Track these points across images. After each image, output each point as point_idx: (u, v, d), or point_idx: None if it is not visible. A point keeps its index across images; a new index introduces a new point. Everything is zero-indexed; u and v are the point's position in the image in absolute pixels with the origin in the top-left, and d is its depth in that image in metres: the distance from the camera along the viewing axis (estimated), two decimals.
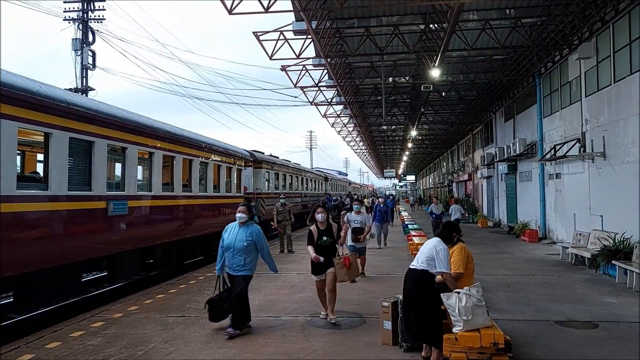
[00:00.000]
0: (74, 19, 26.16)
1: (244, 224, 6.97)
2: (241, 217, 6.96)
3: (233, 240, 6.85)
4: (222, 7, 12.44)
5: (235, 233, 6.91)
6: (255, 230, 6.98)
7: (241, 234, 6.88)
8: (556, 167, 17.50)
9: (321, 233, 7.41)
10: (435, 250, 5.81)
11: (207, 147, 15.08)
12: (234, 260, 6.83)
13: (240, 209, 7.01)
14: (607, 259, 11.13)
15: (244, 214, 6.98)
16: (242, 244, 6.81)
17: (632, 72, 11.93)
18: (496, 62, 19.92)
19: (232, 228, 7.00)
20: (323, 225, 7.47)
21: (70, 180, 8.78)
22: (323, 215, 7.45)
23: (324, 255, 7.26)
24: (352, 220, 11.02)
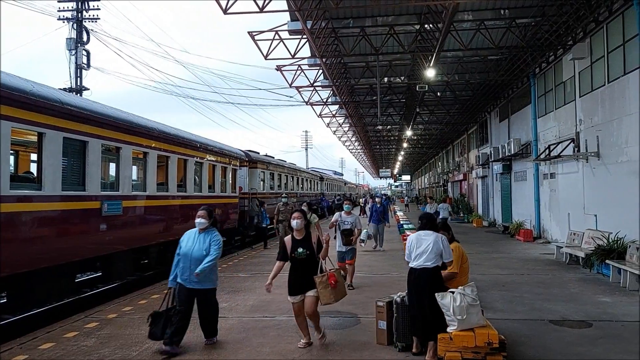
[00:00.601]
0: (68, 18, 26.03)
1: (204, 230, 6.23)
2: (201, 223, 6.20)
3: (191, 249, 6.07)
4: (217, 7, 12.44)
5: (194, 241, 6.17)
6: (215, 237, 6.23)
7: (201, 242, 6.13)
8: (550, 167, 17.57)
9: (296, 244, 6.14)
10: (441, 243, 5.92)
11: (202, 147, 15.05)
12: (191, 271, 5.99)
13: (200, 214, 6.22)
14: (601, 258, 11.18)
15: (204, 219, 6.20)
16: (201, 253, 6.05)
17: (626, 73, 11.99)
18: (491, 63, 19.98)
19: (191, 235, 6.25)
20: (300, 234, 6.19)
21: (64, 180, 8.74)
22: (300, 222, 6.16)
23: (300, 272, 6.08)
24: (343, 221, 10.19)
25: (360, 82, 22.78)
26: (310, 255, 6.06)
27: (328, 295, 5.97)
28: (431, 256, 5.83)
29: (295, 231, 6.19)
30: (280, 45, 16.69)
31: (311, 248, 6.09)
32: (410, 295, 6.04)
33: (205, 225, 6.21)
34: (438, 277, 5.92)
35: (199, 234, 6.22)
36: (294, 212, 6.31)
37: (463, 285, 5.86)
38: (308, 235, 6.21)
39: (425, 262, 5.84)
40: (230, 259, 14.75)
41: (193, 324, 6.42)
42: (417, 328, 5.90)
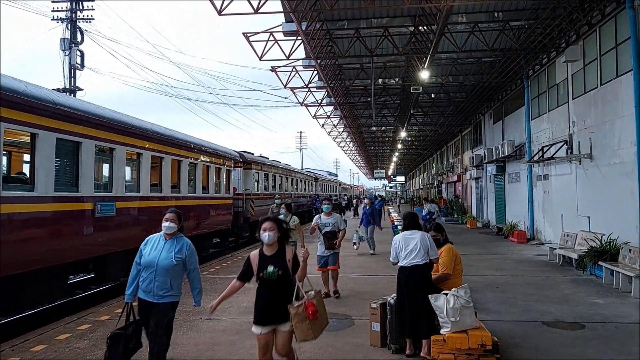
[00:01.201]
0: (62, 18, 25.97)
1: (171, 236, 5.34)
2: (170, 227, 5.29)
3: (156, 258, 5.19)
4: (212, 7, 12.42)
5: (159, 248, 5.27)
6: (187, 245, 5.37)
7: (168, 250, 5.24)
8: (544, 168, 17.64)
9: (266, 261, 4.78)
10: (428, 240, 6.08)
11: (196, 147, 15.02)
12: (156, 282, 5.16)
13: (169, 217, 5.32)
14: (593, 259, 11.23)
15: (173, 223, 5.31)
16: (169, 262, 5.18)
17: (618, 75, 12.06)
18: (485, 65, 20.04)
19: (155, 241, 5.34)
20: (271, 249, 4.83)
21: (57, 182, 8.71)
22: (271, 235, 4.77)
23: (269, 297, 4.76)
24: (324, 224, 9.41)
25: (355, 84, 22.80)
26: (284, 276, 4.72)
27: (306, 330, 4.64)
28: (421, 254, 5.96)
29: (265, 245, 4.84)
30: (275, 46, 16.70)
31: (285, 267, 4.74)
32: (401, 294, 6.08)
33: (174, 230, 5.33)
34: (429, 274, 6.02)
35: (164, 239, 5.32)
36: (264, 221, 4.86)
37: (457, 286, 5.88)
38: (282, 250, 4.84)
39: (415, 259, 5.95)
40: (224, 260, 14.72)
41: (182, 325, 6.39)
42: (409, 328, 5.91)
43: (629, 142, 11.40)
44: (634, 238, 11.02)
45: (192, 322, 7.59)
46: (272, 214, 15.72)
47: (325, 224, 9.43)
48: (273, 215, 4.71)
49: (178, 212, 5.45)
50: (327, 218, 9.50)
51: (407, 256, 6.01)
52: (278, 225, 4.87)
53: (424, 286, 5.88)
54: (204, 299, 5.71)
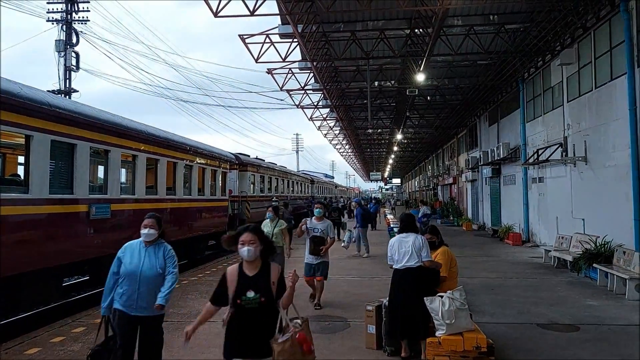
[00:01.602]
0: (57, 20, 25.91)
1: (152, 243, 4.94)
2: (150, 235, 4.88)
3: (139, 267, 4.78)
4: (208, 9, 12.42)
5: (140, 256, 4.86)
6: (167, 250, 4.99)
7: (152, 258, 4.86)
8: (539, 171, 17.69)
9: (246, 282, 3.74)
10: (421, 242, 6.06)
11: (191, 149, 15.00)
12: (140, 294, 4.75)
13: (148, 222, 4.90)
14: (588, 262, 11.27)
15: (153, 229, 4.89)
16: (154, 272, 4.80)
17: (613, 78, 12.12)
18: (480, 67, 20.10)
19: (135, 249, 4.92)
20: (252, 268, 3.80)
21: (51, 184, 8.67)
22: (252, 249, 3.74)
23: (247, 328, 3.75)
24: (312, 228, 8.88)
25: (351, 86, 22.83)
26: (267, 304, 3.70)
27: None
28: (414, 256, 5.95)
29: (245, 263, 3.81)
30: (271, 48, 16.73)
31: (269, 292, 3.71)
32: (394, 296, 6.08)
33: (155, 236, 4.92)
34: (422, 276, 5.99)
35: (145, 247, 4.92)
36: (242, 231, 3.83)
37: (452, 289, 5.89)
38: (265, 270, 3.81)
39: (408, 262, 5.96)
40: (220, 263, 14.70)
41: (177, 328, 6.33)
42: (402, 330, 5.90)
43: (624, 145, 11.45)
44: (628, 240, 11.07)
45: (186, 324, 7.54)
46: None
47: (315, 228, 8.88)
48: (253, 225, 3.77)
49: (157, 216, 5.04)
50: (317, 223, 8.95)
51: (401, 259, 6.03)
52: (260, 236, 3.83)
53: (417, 288, 5.88)
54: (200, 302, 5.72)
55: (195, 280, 11.48)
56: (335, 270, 12.79)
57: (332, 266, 13.31)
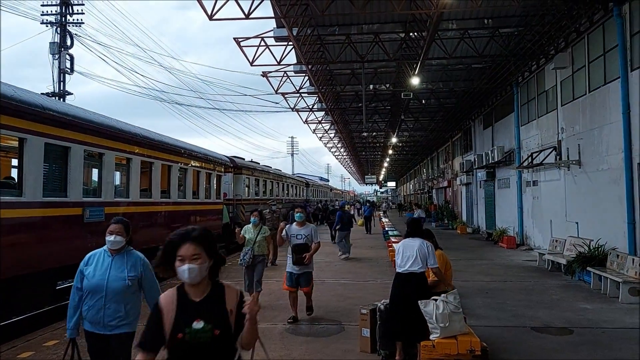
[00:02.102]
0: (52, 22, 25.84)
1: (119, 251, 4.33)
2: (116, 242, 4.28)
3: (104, 280, 4.17)
4: (203, 12, 12.42)
5: (106, 266, 4.25)
6: (140, 260, 4.39)
7: (119, 268, 4.25)
8: (533, 174, 17.76)
9: (189, 310, 2.60)
10: (427, 249, 6.04)
11: (186, 152, 14.97)
12: (107, 310, 4.14)
13: (114, 228, 4.30)
14: (582, 265, 11.30)
15: (120, 235, 4.28)
16: (122, 284, 4.18)
17: (607, 82, 12.19)
18: (475, 71, 20.18)
19: (99, 259, 4.31)
20: (199, 292, 2.66)
21: (45, 187, 8.62)
22: (195, 269, 2.56)
23: None
24: (294, 235, 8.05)
25: (346, 89, 22.87)
26: (221, 339, 2.57)
27: None
28: (418, 262, 5.95)
29: (187, 286, 2.67)
30: (266, 51, 16.74)
31: (224, 322, 2.59)
32: (396, 300, 6.06)
33: (122, 244, 4.32)
34: (425, 282, 6.04)
35: (111, 256, 4.31)
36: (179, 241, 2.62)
37: (447, 292, 5.90)
38: (218, 293, 2.69)
39: (412, 267, 5.95)
40: None
41: None
42: (402, 333, 5.90)
43: (617, 148, 11.52)
44: (621, 244, 11.13)
45: None
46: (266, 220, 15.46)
47: (297, 235, 8.04)
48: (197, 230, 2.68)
49: (125, 221, 4.44)
50: (299, 229, 8.10)
51: (404, 263, 6.03)
52: (207, 247, 2.63)
53: (419, 293, 5.88)
54: None
55: None
56: (330, 273, 12.83)
57: (327, 269, 13.41)
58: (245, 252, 8.79)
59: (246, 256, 8.75)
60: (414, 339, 5.81)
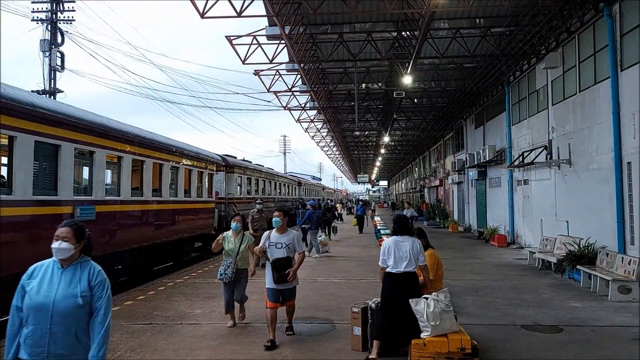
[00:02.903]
0: (42, 19, 25.63)
1: (70, 262, 3.44)
2: (62, 250, 3.38)
3: (50, 297, 3.29)
4: (195, 10, 12.38)
5: (54, 282, 3.36)
6: (95, 272, 3.47)
7: (69, 283, 3.36)
8: (524, 173, 17.85)
9: None
10: (418, 248, 6.00)
11: (178, 151, 14.92)
12: (52, 336, 3.23)
13: (61, 233, 3.42)
14: (572, 263, 11.38)
15: (68, 242, 3.39)
16: (72, 304, 3.28)
17: (597, 82, 12.27)
18: (467, 70, 20.26)
19: (46, 272, 3.46)
20: None
21: (35, 185, 8.58)
22: None
23: None
24: (273, 244, 6.75)
25: (338, 88, 22.89)
26: None
27: None
28: (412, 262, 5.92)
29: None
30: (258, 49, 16.71)
31: None
32: (390, 300, 5.99)
33: (70, 252, 3.41)
34: (417, 281, 6.03)
35: (60, 268, 3.43)
36: None
37: (437, 291, 5.92)
38: None
39: (406, 267, 5.91)
40: (206, 264, 14.62)
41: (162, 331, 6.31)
42: (395, 333, 5.88)
43: (607, 148, 11.60)
44: (611, 242, 11.22)
45: (172, 327, 7.52)
46: (253, 220, 14.39)
47: (276, 243, 6.74)
48: None
49: (76, 225, 3.53)
50: (278, 236, 6.82)
51: (397, 263, 5.94)
52: None
53: (414, 293, 5.87)
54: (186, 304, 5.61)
55: (181, 283, 11.41)
56: (321, 272, 12.83)
57: (319, 268, 13.41)
58: (227, 266, 7.40)
59: (228, 270, 7.37)
60: (409, 338, 5.81)
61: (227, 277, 7.37)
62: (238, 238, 7.65)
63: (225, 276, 7.38)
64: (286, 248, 6.72)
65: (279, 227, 6.83)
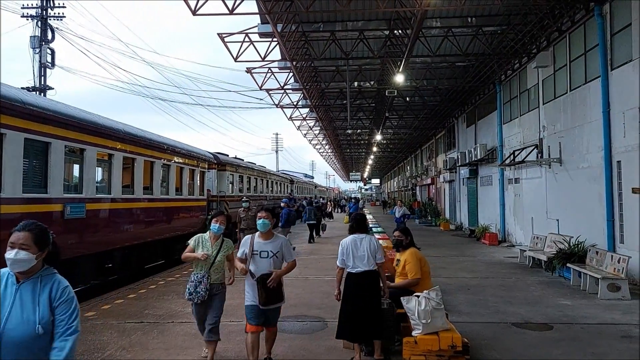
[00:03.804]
0: (32, 15, 25.43)
1: (29, 274, 2.72)
2: (18, 262, 2.67)
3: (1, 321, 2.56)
4: (187, 7, 12.32)
5: (5, 302, 2.63)
6: (59, 288, 2.74)
7: (25, 304, 2.63)
8: (515, 172, 17.95)
9: None
10: (375, 245, 5.88)
11: (169, 148, 14.86)
12: None
13: (19, 239, 2.71)
14: (562, 261, 11.45)
15: (27, 249, 2.68)
16: (29, 331, 2.56)
17: (587, 81, 12.36)
18: (458, 69, 20.32)
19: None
20: None
21: (25, 183, 8.52)
22: None
23: None
24: (257, 252, 5.44)
25: (331, 86, 22.88)
26: None
27: None
28: (370, 260, 5.79)
29: None
30: (250, 47, 16.65)
31: None
32: (351, 300, 5.86)
33: (30, 263, 2.68)
34: (377, 279, 5.88)
35: (15, 283, 2.70)
36: None
37: (426, 288, 5.93)
38: None
39: (366, 266, 5.78)
40: None
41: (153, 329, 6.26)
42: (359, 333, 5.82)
43: (597, 147, 11.69)
44: (601, 240, 11.32)
45: (162, 325, 7.50)
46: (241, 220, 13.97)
47: (261, 252, 5.42)
48: None
49: (39, 227, 2.79)
50: (263, 243, 5.50)
51: (357, 262, 5.81)
52: None
53: (373, 292, 5.80)
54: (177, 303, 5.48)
55: (172, 281, 11.37)
56: (314, 270, 12.84)
57: (311, 267, 13.41)
58: (198, 281, 5.61)
59: (200, 288, 5.58)
60: (372, 338, 5.79)
61: (200, 296, 5.58)
62: (216, 244, 5.83)
63: (197, 296, 5.58)
64: (274, 258, 5.39)
65: (264, 232, 5.51)
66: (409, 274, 6.45)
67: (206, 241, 5.84)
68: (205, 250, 5.71)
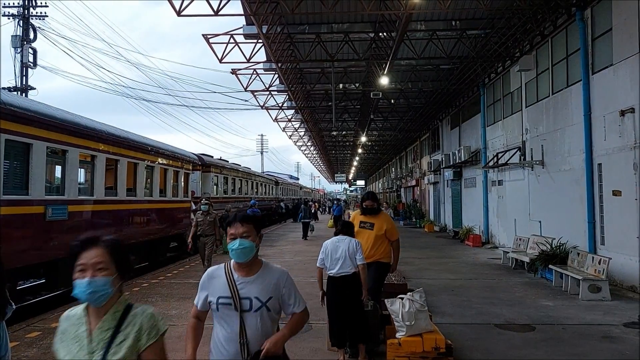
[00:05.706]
0: (14, 14, 25.07)
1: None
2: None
3: None
4: (171, 8, 12.24)
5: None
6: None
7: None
8: (498, 174, 18.11)
9: None
10: (355, 246, 5.83)
11: (153, 150, 14.75)
12: None
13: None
14: (544, 263, 11.57)
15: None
16: None
17: (569, 85, 12.52)
18: (443, 72, 20.45)
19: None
20: None
21: (5, 184, 8.39)
22: None
23: None
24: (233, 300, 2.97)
25: (316, 88, 22.88)
26: None
27: None
28: (348, 262, 5.75)
29: None
30: (235, 48, 16.61)
31: None
32: (333, 304, 5.89)
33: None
34: (358, 282, 5.84)
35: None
36: None
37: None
38: None
39: (342, 269, 5.75)
40: (182, 265, 14.49)
41: None
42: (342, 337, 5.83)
43: (578, 149, 11.85)
44: (582, 242, 11.47)
45: None
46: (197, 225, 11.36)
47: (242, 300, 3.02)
48: None
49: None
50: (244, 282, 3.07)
51: (334, 265, 5.80)
52: None
53: (354, 294, 5.79)
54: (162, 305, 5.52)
55: (156, 283, 11.28)
56: (298, 272, 12.79)
57: (297, 268, 13.38)
58: None
59: None
60: (357, 341, 5.80)
61: None
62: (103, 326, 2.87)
63: None
64: (264, 309, 3.06)
65: (246, 262, 3.04)
66: (392, 237, 6.74)
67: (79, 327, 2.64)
68: None
